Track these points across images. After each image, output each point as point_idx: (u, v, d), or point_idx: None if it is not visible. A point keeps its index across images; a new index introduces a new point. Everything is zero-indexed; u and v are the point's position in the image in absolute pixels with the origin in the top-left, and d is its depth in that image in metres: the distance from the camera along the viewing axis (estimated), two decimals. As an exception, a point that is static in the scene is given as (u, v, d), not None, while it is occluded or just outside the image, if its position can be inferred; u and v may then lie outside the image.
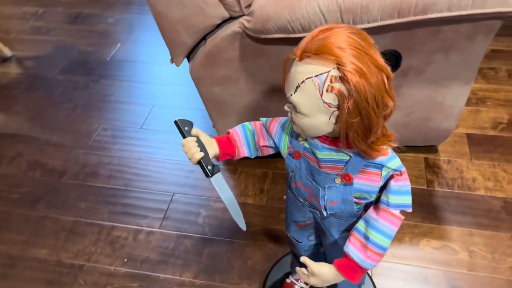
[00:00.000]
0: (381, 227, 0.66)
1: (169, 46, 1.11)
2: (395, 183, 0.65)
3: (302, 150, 0.70)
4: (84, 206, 1.33)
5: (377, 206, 0.68)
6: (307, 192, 0.73)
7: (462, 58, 1.09)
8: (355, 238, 0.69)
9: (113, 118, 1.62)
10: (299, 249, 0.93)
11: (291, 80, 0.61)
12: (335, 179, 0.68)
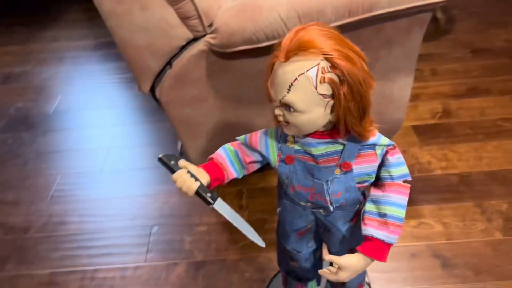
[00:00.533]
0: (394, 200, 0.69)
1: (136, 73, 1.12)
2: (392, 157, 0.68)
3: (293, 153, 0.71)
4: (59, 256, 1.25)
5: (380, 184, 0.71)
6: (309, 193, 0.73)
7: (403, 51, 1.23)
8: (370, 220, 0.70)
9: (71, 166, 1.56)
10: (299, 260, 0.89)
11: (280, 82, 0.62)
12: (335, 170, 0.69)
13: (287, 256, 0.90)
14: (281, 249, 0.91)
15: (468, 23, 2.23)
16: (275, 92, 0.63)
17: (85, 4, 2.82)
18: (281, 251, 0.93)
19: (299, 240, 0.85)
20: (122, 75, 2.06)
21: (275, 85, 0.63)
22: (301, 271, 0.93)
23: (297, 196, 0.75)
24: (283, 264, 0.95)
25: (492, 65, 1.88)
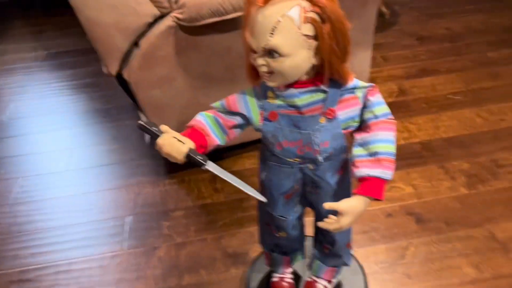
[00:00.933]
0: (383, 137, 0.68)
1: (103, 53, 1.11)
2: (373, 97, 0.69)
3: (276, 109, 0.70)
4: (29, 254, 1.19)
5: (365, 127, 0.70)
6: (298, 146, 0.72)
7: (360, 24, 1.29)
8: (361, 162, 0.69)
9: (31, 169, 1.49)
10: (286, 228, 0.87)
11: (262, 26, 0.60)
12: (320, 119, 0.69)
13: (273, 227, 0.87)
14: (264, 224, 0.89)
15: (410, 16, 2.37)
16: (257, 40, 0.61)
17: (28, 19, 2.76)
18: (264, 226, 0.90)
19: (286, 204, 0.82)
20: (75, 81, 2.01)
21: (255, 33, 0.61)
22: (288, 241, 0.90)
23: (285, 153, 0.73)
24: (267, 240, 0.93)
25: (437, 49, 2.01)
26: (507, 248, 1.09)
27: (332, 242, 0.87)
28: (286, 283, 0.97)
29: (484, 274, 1.04)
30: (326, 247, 0.90)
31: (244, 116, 0.72)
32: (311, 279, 0.96)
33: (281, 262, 0.96)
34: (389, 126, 0.69)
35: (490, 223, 1.16)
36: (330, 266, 0.93)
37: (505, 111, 1.58)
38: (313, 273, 0.96)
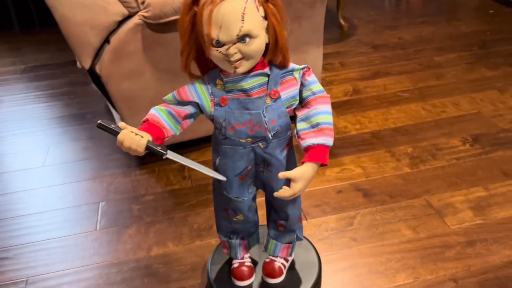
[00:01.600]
0: (322, 110, 0.77)
1: (76, 49, 1.24)
2: (309, 76, 0.79)
3: (225, 94, 0.77)
4: (7, 236, 1.27)
5: (305, 104, 0.79)
6: (249, 127, 0.78)
7: (310, 24, 1.45)
8: (305, 134, 0.77)
9: (9, 166, 1.58)
10: (243, 210, 0.91)
11: (230, 16, 0.67)
12: (266, 100, 0.77)
13: (230, 211, 0.91)
14: (221, 210, 0.93)
15: (366, 28, 2.58)
16: (228, 31, 0.67)
17: (7, 38, 2.87)
18: (221, 213, 0.94)
19: (240, 186, 0.87)
20: (51, 91, 2.12)
21: (223, 26, 0.67)
22: (244, 224, 0.95)
23: (237, 134, 0.78)
24: (224, 228, 0.96)
25: (390, 56, 2.20)
26: (441, 213, 1.23)
27: (286, 217, 0.93)
28: (246, 267, 0.99)
29: (420, 235, 1.17)
30: (281, 224, 0.95)
31: (196, 104, 0.78)
32: (269, 259, 1.00)
33: (239, 248, 0.99)
34: (325, 100, 0.79)
35: (428, 195, 1.30)
36: (285, 243, 0.98)
37: (446, 104, 1.75)
38: (269, 253, 1.00)
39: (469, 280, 1.03)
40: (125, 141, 0.69)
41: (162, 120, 0.76)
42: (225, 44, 0.69)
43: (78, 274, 1.14)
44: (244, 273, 0.98)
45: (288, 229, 0.96)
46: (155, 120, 0.75)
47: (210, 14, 0.67)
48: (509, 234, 1.15)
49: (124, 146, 0.70)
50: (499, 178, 1.34)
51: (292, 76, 0.78)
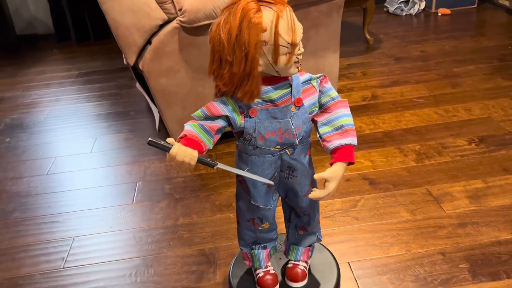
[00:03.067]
0: (344, 113, 0.83)
1: (124, 47, 1.46)
2: (327, 84, 0.85)
3: (253, 106, 0.80)
4: (58, 205, 1.49)
5: (325, 109, 0.84)
6: (278, 134, 0.82)
7: (327, 31, 1.63)
8: (330, 137, 0.82)
9: (63, 151, 1.83)
10: (269, 218, 0.95)
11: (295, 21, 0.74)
12: (291, 108, 0.81)
13: (257, 220, 0.94)
14: (246, 221, 0.96)
15: (391, 42, 2.72)
16: (299, 32, 0.74)
17: (64, 48, 3.23)
18: (246, 224, 0.97)
19: (267, 193, 0.90)
20: (101, 92, 2.39)
21: (297, 29, 0.74)
22: (268, 232, 0.98)
23: (267, 143, 0.82)
24: (247, 239, 0.99)
25: (410, 66, 2.33)
26: (439, 200, 1.35)
27: (308, 221, 0.97)
28: (271, 275, 1.02)
29: (416, 217, 1.29)
30: (302, 228, 0.99)
31: (227, 118, 0.81)
32: (292, 264, 1.04)
33: (263, 257, 1.01)
34: (345, 104, 0.84)
35: (429, 185, 1.42)
36: (306, 247, 1.02)
37: (458, 109, 1.86)
38: (291, 258, 1.04)
39: (456, 254, 1.15)
40: (178, 155, 0.72)
41: (198, 135, 0.78)
42: (295, 45, 0.74)
43: (115, 236, 1.34)
44: (271, 281, 1.01)
45: (309, 232, 1.00)
46: (193, 135, 0.78)
47: (289, 23, 0.72)
48: (499, 219, 1.25)
49: (176, 160, 0.72)
50: (499, 173, 1.45)
51: (310, 84, 0.84)
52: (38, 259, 1.27)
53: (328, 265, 1.09)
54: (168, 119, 1.63)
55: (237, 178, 0.92)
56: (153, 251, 1.26)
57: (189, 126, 0.79)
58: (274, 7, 0.72)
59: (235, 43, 0.72)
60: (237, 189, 0.94)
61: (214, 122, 0.80)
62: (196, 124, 0.79)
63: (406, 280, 1.09)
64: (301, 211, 0.95)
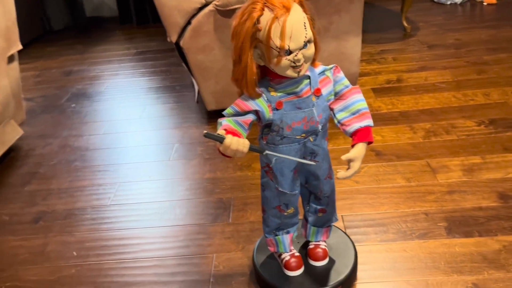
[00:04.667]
0: (358, 98, 0.90)
1: (167, 27, 1.72)
2: (340, 73, 0.91)
3: (279, 98, 0.86)
4: (109, 159, 1.79)
5: (340, 96, 0.90)
6: (303, 123, 0.87)
7: (349, 16, 1.78)
8: (349, 121, 0.89)
9: (115, 116, 2.14)
10: (294, 203, 1.01)
11: (297, 28, 0.76)
12: (312, 98, 0.87)
13: (283, 206, 1.00)
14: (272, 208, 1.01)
15: (429, 30, 2.79)
16: (297, 40, 0.77)
17: (122, 30, 3.59)
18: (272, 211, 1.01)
19: (293, 180, 0.96)
20: (153, 69, 2.68)
21: (293, 36, 0.76)
22: (292, 217, 1.04)
23: (293, 132, 0.88)
24: (273, 224, 1.04)
25: (442, 54, 2.42)
26: (435, 171, 1.49)
27: (327, 202, 1.04)
28: (296, 257, 1.07)
29: (411, 183, 1.44)
30: (322, 210, 1.05)
31: (256, 112, 0.86)
32: (313, 245, 1.10)
33: (287, 241, 1.06)
34: (358, 90, 0.91)
35: (430, 158, 1.56)
36: (325, 227, 1.09)
37: (477, 94, 1.95)
38: (312, 240, 1.10)
39: (438, 215, 1.30)
40: (232, 144, 0.78)
41: (236, 129, 0.84)
42: (292, 52, 0.78)
43: (152, 184, 1.61)
44: (297, 263, 1.07)
45: (328, 212, 1.06)
46: (232, 128, 0.84)
47: (283, 27, 0.75)
48: (486, 190, 1.38)
49: (231, 148, 0.79)
50: (498, 151, 1.55)
51: (325, 75, 0.90)
52: (90, 197, 1.57)
53: (343, 244, 1.15)
54: (204, 91, 1.88)
55: (263, 168, 0.97)
56: (181, 197, 1.52)
57: (226, 121, 0.85)
58: (274, 10, 0.75)
59: (235, 35, 0.80)
60: (263, 180, 0.99)
61: (245, 117, 0.86)
62: (231, 119, 0.85)
63: (388, 232, 1.26)
64: (322, 194, 1.02)
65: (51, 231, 1.42)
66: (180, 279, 1.18)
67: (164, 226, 1.39)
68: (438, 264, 1.13)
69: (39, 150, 1.92)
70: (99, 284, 1.19)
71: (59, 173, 1.73)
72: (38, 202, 1.57)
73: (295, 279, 1.07)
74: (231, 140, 0.78)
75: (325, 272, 1.07)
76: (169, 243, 1.32)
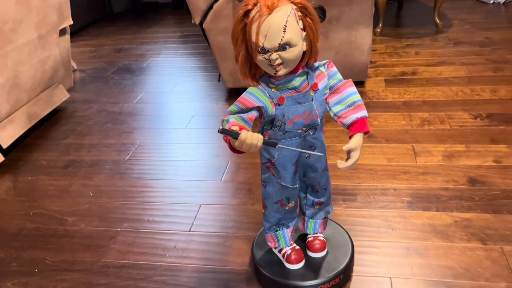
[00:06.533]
0: (352, 91, 0.93)
1: (192, 10, 1.94)
2: (333, 68, 0.94)
3: (280, 94, 0.88)
4: (140, 128, 2.05)
5: (335, 90, 0.93)
6: (304, 117, 0.89)
7: (359, 7, 1.90)
8: (345, 113, 0.92)
9: (151, 89, 2.41)
10: (294, 196, 1.04)
11: (274, 29, 0.77)
12: (310, 93, 0.90)
13: (284, 201, 1.02)
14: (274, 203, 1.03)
15: (461, 28, 2.81)
16: (271, 40, 0.78)
17: (176, 15, 3.89)
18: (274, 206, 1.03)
19: (294, 173, 0.98)
20: (193, 51, 2.93)
21: (268, 35, 0.78)
22: (292, 210, 1.06)
23: (295, 126, 0.90)
24: (274, 219, 1.05)
25: (465, 50, 2.45)
26: (417, 155, 1.59)
27: (324, 193, 1.07)
28: (297, 250, 1.09)
29: (391, 163, 1.56)
30: (319, 202, 1.08)
31: (259, 108, 0.88)
32: (312, 237, 1.12)
33: (287, 235, 1.08)
34: (351, 83, 0.94)
35: (416, 143, 1.66)
36: (322, 219, 1.11)
37: (486, 90, 2.00)
38: (310, 232, 1.13)
39: (405, 191, 1.42)
40: (247, 138, 0.79)
41: (244, 126, 0.85)
42: (269, 51, 0.80)
43: (169, 146, 1.84)
44: (298, 257, 1.08)
45: (325, 204, 1.09)
46: (241, 125, 0.84)
47: (258, 25, 0.78)
48: (459, 174, 1.47)
49: (246, 143, 0.80)
50: (484, 141, 1.63)
51: (319, 71, 0.92)
52: (113, 153, 1.83)
53: (337, 234, 1.19)
54: (223, 70, 2.08)
55: (264, 164, 0.99)
56: (193, 158, 1.74)
57: (232, 119, 0.86)
58: (262, 11, 0.78)
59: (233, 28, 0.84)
60: (264, 176, 1.00)
61: (249, 113, 0.87)
62: (236, 116, 0.86)
63: (354, 200, 1.40)
64: (319, 186, 1.04)
65: (76, 175, 1.70)
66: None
67: (171, 180, 1.61)
68: (389, 230, 1.27)
69: (81, 112, 2.22)
70: (103, 218, 1.45)
71: (93, 131, 2.02)
72: (71, 152, 1.86)
73: (297, 272, 1.08)
74: (245, 135, 0.79)
75: (326, 263, 1.09)
76: (171, 194, 1.54)
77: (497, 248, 1.16)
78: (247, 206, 1.43)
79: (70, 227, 1.42)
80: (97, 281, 1.20)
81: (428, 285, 1.09)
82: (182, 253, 1.27)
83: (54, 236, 1.39)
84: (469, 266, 1.12)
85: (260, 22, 0.78)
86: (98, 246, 1.33)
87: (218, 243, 1.29)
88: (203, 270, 1.20)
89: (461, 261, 1.14)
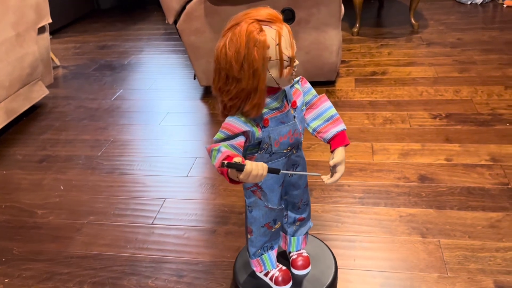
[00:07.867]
0: (328, 106, 0.94)
1: (166, 11, 2.00)
2: (306, 84, 0.95)
3: (264, 116, 0.86)
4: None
5: (311, 106, 0.94)
6: (289, 137, 0.88)
7: (327, 10, 1.97)
8: (324, 128, 0.93)
9: (130, 86, 2.47)
10: (281, 217, 1.03)
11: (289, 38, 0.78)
12: (290, 111, 0.89)
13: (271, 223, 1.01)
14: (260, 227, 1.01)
15: (435, 29, 2.88)
16: (293, 47, 0.79)
17: (161, 12, 3.89)
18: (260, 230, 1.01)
19: (279, 194, 0.97)
20: (174, 48, 2.99)
21: (292, 43, 0.79)
22: (277, 232, 1.05)
23: (281, 147, 0.89)
24: (259, 243, 1.03)
25: (436, 51, 2.52)
26: (375, 153, 1.67)
27: (305, 210, 1.07)
28: (284, 271, 1.08)
29: (348, 160, 1.63)
30: (301, 218, 1.07)
31: (245, 133, 0.84)
32: (296, 255, 1.12)
33: (273, 257, 1.07)
34: (325, 98, 0.95)
35: (376, 142, 1.73)
36: (303, 235, 1.10)
37: (449, 90, 2.07)
38: (293, 250, 1.12)
39: (358, 187, 1.49)
40: (253, 169, 0.77)
41: (238, 154, 0.81)
42: (292, 58, 0.80)
43: (141, 142, 1.91)
44: (287, 277, 1.08)
45: (306, 220, 1.09)
46: (234, 154, 0.80)
47: (291, 38, 0.78)
48: (411, 171, 1.54)
49: (252, 174, 0.77)
50: (439, 140, 1.70)
51: (295, 88, 0.92)
52: (86, 148, 1.90)
53: (317, 247, 1.19)
54: (197, 69, 2.15)
55: (249, 189, 0.96)
56: (163, 154, 1.81)
57: (223, 148, 0.81)
58: (274, 26, 0.76)
59: (244, 61, 0.76)
60: (249, 201, 0.98)
61: (237, 139, 0.83)
62: (226, 144, 0.82)
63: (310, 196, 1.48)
64: (301, 203, 1.05)
65: (50, 170, 1.77)
66: (132, 213, 1.48)
67: (139, 175, 1.69)
68: (338, 224, 1.34)
69: (60, 108, 2.29)
70: (72, 211, 1.52)
71: (70, 127, 2.09)
72: (47, 147, 1.93)
73: None
74: (251, 166, 0.77)
75: (314, 278, 1.09)
76: (138, 188, 1.62)
77: (435, 241, 1.24)
78: (209, 200, 1.50)
79: (39, 219, 1.50)
80: (60, 270, 1.27)
81: (365, 275, 1.16)
82: (142, 244, 1.34)
83: (23, 227, 1.46)
84: (407, 258, 1.20)
85: (286, 36, 0.78)
86: (64, 237, 1.40)
87: (177, 236, 1.36)
88: (160, 261, 1.28)
89: (400, 253, 1.22)
